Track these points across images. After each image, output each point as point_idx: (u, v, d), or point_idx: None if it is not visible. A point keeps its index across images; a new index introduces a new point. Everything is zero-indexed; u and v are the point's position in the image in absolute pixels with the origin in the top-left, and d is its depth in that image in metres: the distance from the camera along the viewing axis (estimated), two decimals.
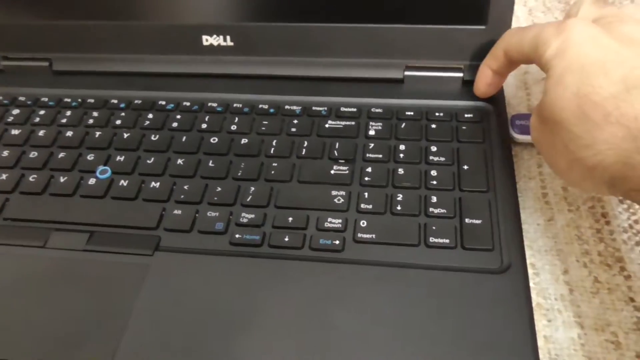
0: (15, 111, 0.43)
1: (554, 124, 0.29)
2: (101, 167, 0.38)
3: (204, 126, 0.40)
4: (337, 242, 0.32)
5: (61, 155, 0.39)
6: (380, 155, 0.37)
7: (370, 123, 0.40)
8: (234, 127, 0.40)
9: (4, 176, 0.38)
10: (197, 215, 0.35)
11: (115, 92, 0.44)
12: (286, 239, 0.33)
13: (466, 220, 0.33)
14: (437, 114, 0.40)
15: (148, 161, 0.38)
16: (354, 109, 0.41)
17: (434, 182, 0.35)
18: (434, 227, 0.33)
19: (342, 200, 0.34)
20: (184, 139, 0.39)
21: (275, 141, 0.39)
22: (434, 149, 0.37)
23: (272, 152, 0.38)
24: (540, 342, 0.31)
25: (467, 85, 0.41)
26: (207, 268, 0.32)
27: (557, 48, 0.30)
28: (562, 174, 0.31)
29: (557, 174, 0.32)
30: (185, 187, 0.36)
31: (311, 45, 0.42)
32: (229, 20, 0.42)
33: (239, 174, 0.37)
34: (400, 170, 0.36)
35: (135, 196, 0.36)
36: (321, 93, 0.42)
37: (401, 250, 0.32)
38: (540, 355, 0.29)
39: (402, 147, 0.38)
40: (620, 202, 0.37)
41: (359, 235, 0.33)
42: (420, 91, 0.42)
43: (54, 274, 0.32)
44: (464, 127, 0.39)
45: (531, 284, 0.33)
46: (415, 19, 0.41)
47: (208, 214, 0.35)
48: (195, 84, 0.44)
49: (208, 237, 0.34)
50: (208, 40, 0.43)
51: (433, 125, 0.39)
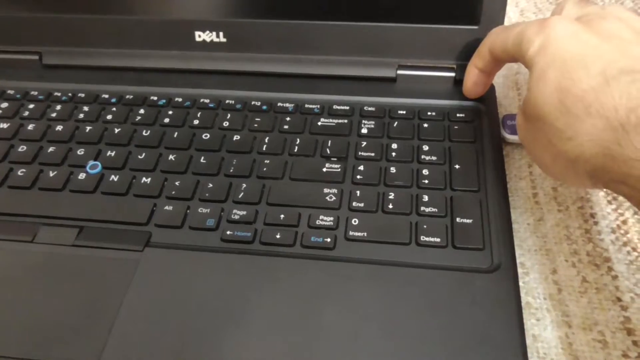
0: (4, 104, 0.42)
1: (537, 119, 0.30)
2: (91, 162, 0.38)
3: (195, 122, 0.40)
4: (328, 239, 0.32)
5: (51, 149, 0.39)
6: (372, 154, 0.37)
7: (363, 121, 0.40)
8: (226, 124, 0.40)
9: None
10: (188, 211, 0.35)
11: (106, 87, 0.43)
12: (277, 236, 0.33)
13: (457, 219, 0.33)
14: (429, 113, 0.40)
15: (139, 157, 0.38)
16: (347, 107, 0.41)
17: (426, 181, 0.35)
18: (425, 226, 0.33)
19: (333, 198, 0.34)
20: (175, 134, 0.39)
21: (267, 138, 0.39)
22: (425, 148, 0.37)
23: (264, 149, 0.38)
24: (529, 340, 0.31)
25: (459, 84, 0.41)
26: (198, 264, 0.32)
27: (539, 45, 0.30)
28: (547, 168, 0.32)
29: (542, 170, 0.33)
30: (177, 183, 0.36)
31: (304, 43, 0.42)
32: (222, 17, 0.42)
33: (231, 170, 0.37)
34: (392, 169, 0.36)
35: (126, 191, 0.36)
36: (314, 91, 0.42)
37: (392, 249, 0.32)
38: (529, 354, 0.29)
39: (394, 145, 0.38)
40: (609, 202, 0.38)
41: (351, 233, 0.33)
42: (413, 90, 0.42)
43: (43, 269, 0.32)
44: (455, 127, 0.39)
45: (520, 283, 0.33)
46: (408, 18, 0.41)
47: (199, 210, 0.34)
48: (187, 80, 0.44)
49: (199, 234, 0.33)
50: (201, 36, 0.43)
51: (425, 125, 0.39)
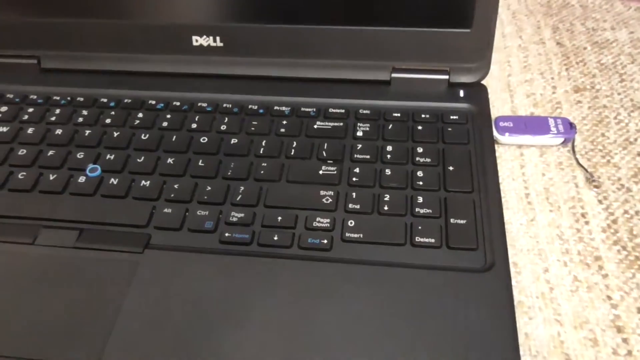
0: (3, 108, 0.43)
1: None
2: (91, 165, 0.38)
3: (193, 126, 0.41)
4: (325, 241, 0.33)
5: (50, 153, 0.39)
6: (367, 156, 0.38)
7: (358, 124, 0.40)
8: (223, 127, 0.40)
9: None
10: (187, 213, 0.35)
11: (104, 91, 0.44)
12: (275, 238, 0.33)
13: (451, 220, 0.34)
14: (423, 115, 0.41)
15: (138, 160, 0.38)
16: (342, 110, 0.41)
17: (420, 183, 0.36)
18: (419, 227, 0.33)
19: (330, 200, 0.35)
20: (173, 138, 0.40)
21: (264, 141, 0.39)
22: (419, 150, 0.38)
23: (261, 152, 0.39)
24: (521, 338, 0.32)
25: (453, 87, 0.42)
26: (197, 266, 0.32)
27: None
28: None
29: None
30: (175, 186, 0.37)
31: (300, 47, 0.43)
32: (219, 21, 0.43)
33: (229, 173, 0.37)
34: (387, 171, 0.37)
35: (125, 194, 0.36)
36: (310, 94, 0.43)
37: (388, 250, 0.33)
38: (521, 352, 0.30)
39: (389, 148, 0.38)
40: (600, 202, 0.39)
41: (347, 234, 0.33)
42: (407, 93, 0.43)
43: (43, 271, 0.33)
44: (449, 129, 0.39)
45: (513, 282, 0.34)
46: (401, 22, 0.41)
47: (198, 212, 0.35)
48: (185, 84, 0.44)
49: (198, 236, 0.34)
50: (198, 40, 0.43)
51: (419, 127, 0.40)
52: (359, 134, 0.40)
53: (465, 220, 0.34)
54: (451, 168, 0.37)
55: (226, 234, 0.34)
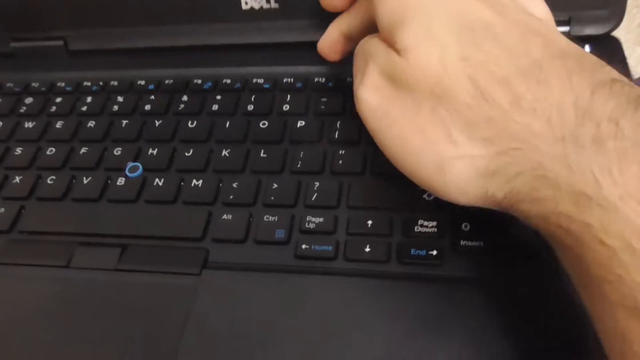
0: (29, 100, 0.36)
1: (424, 93, 0.21)
2: (131, 164, 0.31)
3: (249, 108, 0.33)
4: (434, 252, 0.25)
5: (83, 150, 0.33)
6: None
7: None
8: (286, 107, 0.33)
9: (18, 179, 0.32)
10: (251, 220, 0.28)
11: (141, 72, 0.37)
12: (367, 250, 0.26)
13: None
14: None
15: (186, 154, 0.31)
16: None
17: None
18: None
19: (433, 196, 0.27)
20: (227, 124, 0.32)
21: (339, 123, 0.31)
22: None
23: (336, 136, 0.31)
24: None
25: (575, 41, 0.32)
26: (269, 289, 0.25)
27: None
28: (415, 170, 0.22)
29: (398, 162, 0.23)
30: (234, 185, 0.29)
31: None
32: None
33: (299, 166, 0.30)
34: None
35: (174, 198, 0.29)
36: None
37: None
38: None
39: None
40: None
41: (463, 242, 0.25)
42: None
43: (81, 300, 0.26)
44: None
45: None
46: None
47: (265, 218, 0.28)
48: (235, 57, 0.36)
49: (267, 249, 0.27)
50: (248, 2, 0.36)
51: None
52: None
53: None
54: None
55: (303, 246, 0.26)
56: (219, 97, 0.34)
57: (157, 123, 0.33)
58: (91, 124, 0.34)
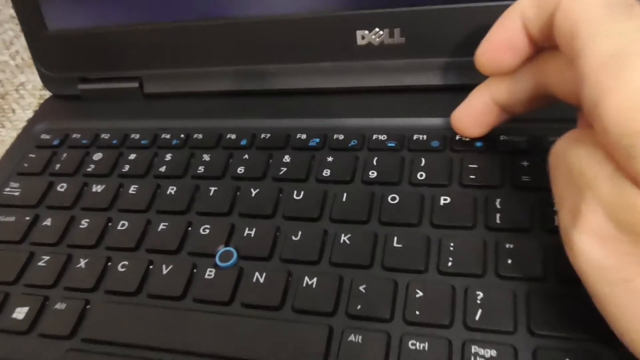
0: (97, 155, 0.30)
1: None
2: (222, 249, 0.24)
3: (372, 174, 0.26)
4: None
5: (162, 226, 0.26)
6: None
7: None
8: (421, 175, 0.25)
9: (83, 263, 0.25)
10: (389, 344, 0.20)
11: (231, 122, 0.30)
12: None
13: None
14: None
15: (293, 237, 0.24)
16: None
17: None
18: None
19: None
20: (344, 197, 0.25)
21: (499, 201, 0.23)
22: None
23: (497, 220, 0.23)
24: None
25: None
26: None
27: None
28: None
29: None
30: (361, 289, 0.22)
31: None
32: (398, 5, 0.27)
33: (450, 264, 0.22)
34: None
35: (280, 303, 0.22)
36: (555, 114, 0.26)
37: None
38: None
39: None
40: None
41: None
42: None
43: None
44: None
45: None
46: None
47: (410, 344, 0.20)
48: (348, 105, 0.29)
49: None
50: (365, 37, 0.28)
51: None
52: None
53: None
54: None
55: None
56: (330, 159, 0.27)
57: (254, 192, 0.26)
58: (171, 189, 0.27)
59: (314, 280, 0.22)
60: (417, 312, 0.21)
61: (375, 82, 0.29)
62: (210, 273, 0.24)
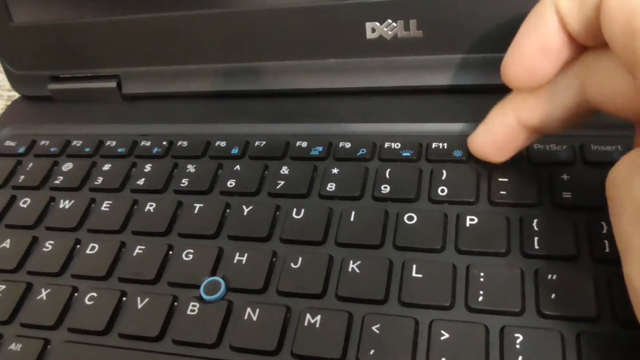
0: (67, 166, 0.26)
1: None
2: (207, 279, 0.21)
3: (384, 189, 0.22)
4: None
5: (138, 250, 0.22)
6: None
7: None
8: (443, 191, 0.21)
9: (44, 293, 0.21)
10: None
11: (220, 127, 0.26)
12: None
13: None
14: None
15: (293, 264, 0.20)
16: None
17: None
18: None
19: None
20: (352, 217, 0.21)
21: (537, 221, 0.20)
22: None
23: (536, 246, 0.19)
24: None
25: None
26: None
27: None
28: None
29: None
30: (374, 329, 0.18)
31: None
32: None
33: (481, 299, 0.18)
34: None
35: (278, 347, 0.18)
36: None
37: None
38: None
39: None
40: None
41: None
42: None
43: None
44: None
45: None
46: None
47: None
48: (355, 108, 0.26)
49: None
50: (375, 29, 0.25)
51: None
52: None
53: None
54: None
55: None
56: (335, 171, 0.23)
57: (246, 210, 0.22)
58: (150, 206, 0.23)
59: (318, 317, 0.19)
60: (443, 359, 0.17)
61: (387, 82, 0.25)
62: (193, 308, 0.20)
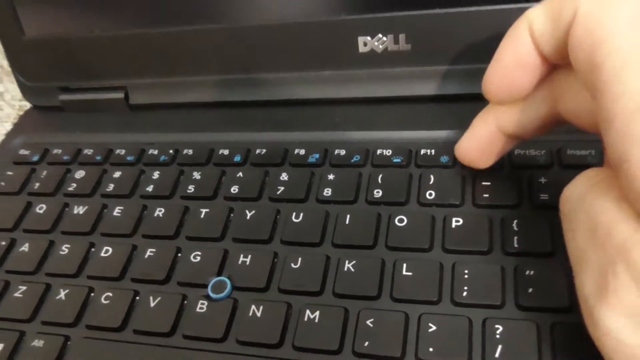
0: (79, 173, 0.28)
1: None
2: (214, 279, 0.22)
3: (377, 194, 0.24)
4: None
5: (149, 253, 0.24)
6: None
7: None
8: (430, 195, 0.23)
9: (63, 294, 0.23)
10: None
11: (223, 136, 0.28)
12: None
13: None
14: None
15: (293, 264, 0.22)
16: None
17: None
18: None
19: None
20: (347, 220, 0.23)
21: (517, 222, 0.21)
22: None
23: (515, 244, 0.21)
24: None
25: None
26: None
27: None
28: None
29: None
30: (369, 323, 0.20)
31: None
32: (403, 9, 0.25)
33: (465, 294, 0.20)
34: None
35: (280, 340, 0.20)
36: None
37: None
38: None
39: None
40: None
41: None
42: None
43: None
44: None
45: None
46: None
47: None
48: (349, 116, 0.27)
49: None
50: (367, 43, 0.26)
51: None
52: None
53: None
54: None
55: None
56: (331, 177, 0.25)
57: (249, 214, 0.24)
58: (159, 211, 0.25)
59: (317, 313, 0.20)
60: (430, 348, 0.19)
61: (378, 92, 0.27)
62: (202, 306, 0.22)
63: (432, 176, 0.24)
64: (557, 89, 0.19)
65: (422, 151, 0.25)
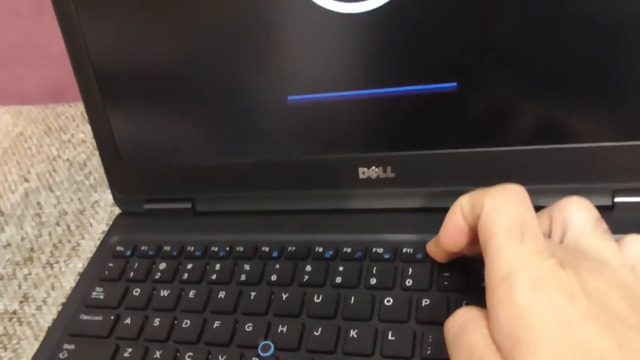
0: (162, 265, 0.39)
1: None
2: (262, 342, 0.33)
3: (372, 281, 0.34)
4: None
5: (216, 324, 0.34)
6: None
7: None
8: (409, 282, 0.33)
9: (158, 354, 0.34)
10: None
11: (265, 236, 0.39)
12: None
13: None
14: None
15: (315, 332, 0.32)
16: None
17: None
18: None
19: None
20: (352, 300, 0.33)
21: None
22: None
23: None
24: None
25: None
26: None
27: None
28: None
29: None
30: None
31: (495, 172, 0.35)
32: (389, 150, 0.37)
33: None
34: None
35: None
36: None
37: None
38: None
39: None
40: None
41: None
42: (635, 219, 0.33)
43: None
44: None
45: None
46: (622, 135, 0.33)
47: None
48: (353, 222, 0.38)
49: None
50: (365, 172, 0.38)
51: None
52: None
53: None
54: None
55: None
56: (341, 268, 0.35)
57: (285, 296, 0.35)
58: (221, 294, 0.36)
59: None
60: None
61: (374, 205, 0.38)
62: None
63: (410, 269, 0.34)
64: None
65: (404, 250, 0.35)
